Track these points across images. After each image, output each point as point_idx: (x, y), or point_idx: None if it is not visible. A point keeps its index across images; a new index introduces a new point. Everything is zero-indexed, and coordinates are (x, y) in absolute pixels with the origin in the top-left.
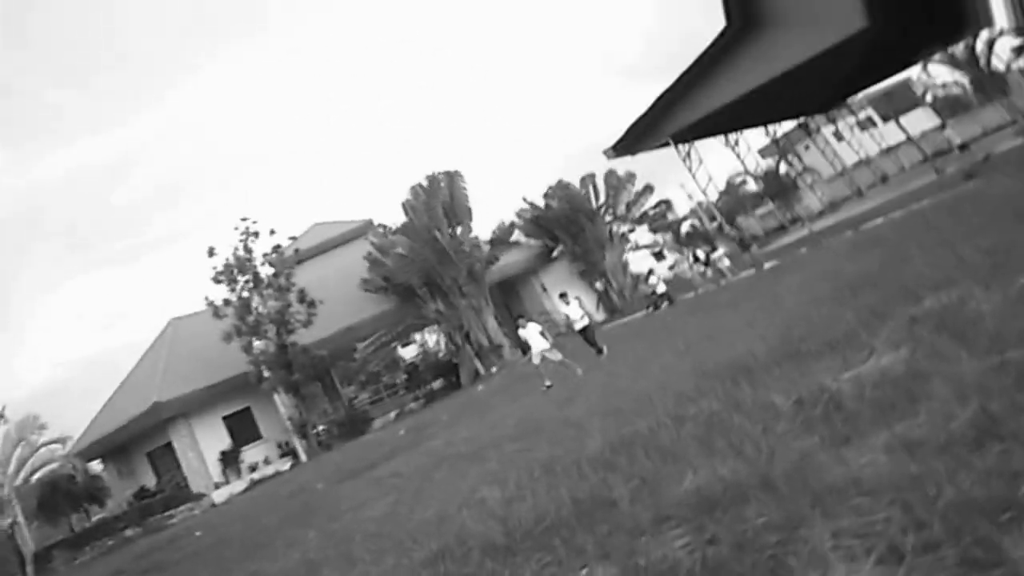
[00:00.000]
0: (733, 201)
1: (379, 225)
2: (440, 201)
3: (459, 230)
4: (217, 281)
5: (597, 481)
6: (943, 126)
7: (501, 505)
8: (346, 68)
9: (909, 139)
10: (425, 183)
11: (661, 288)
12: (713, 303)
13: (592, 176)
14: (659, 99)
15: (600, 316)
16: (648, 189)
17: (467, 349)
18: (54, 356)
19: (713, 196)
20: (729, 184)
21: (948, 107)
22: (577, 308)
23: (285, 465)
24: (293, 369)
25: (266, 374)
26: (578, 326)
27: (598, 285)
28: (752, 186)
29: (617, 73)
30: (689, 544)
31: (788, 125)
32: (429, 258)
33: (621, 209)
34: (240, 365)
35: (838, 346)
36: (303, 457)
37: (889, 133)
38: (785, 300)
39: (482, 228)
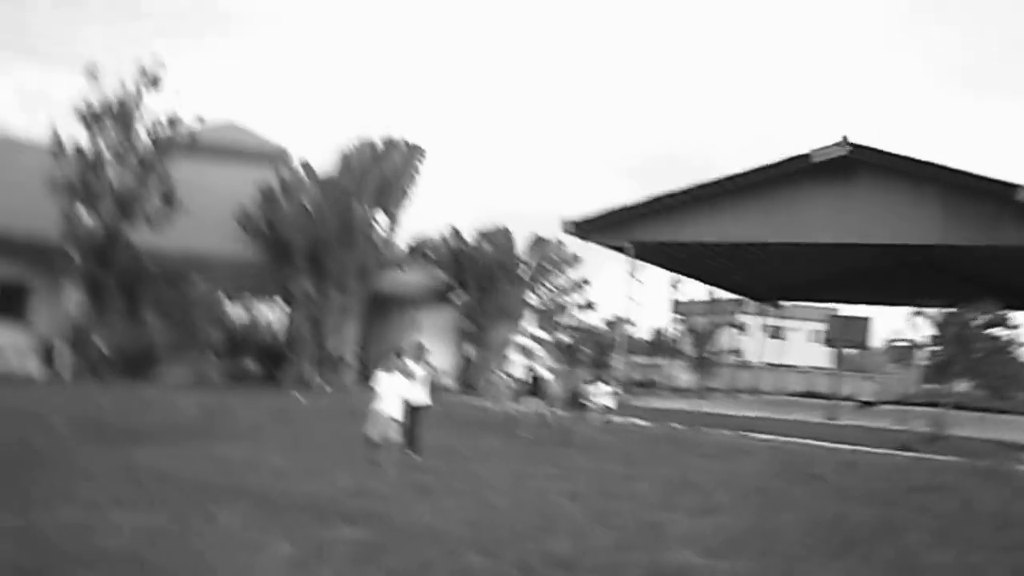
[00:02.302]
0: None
1: (301, 160)
2: (381, 170)
3: (380, 215)
4: (81, 118)
5: None
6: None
7: None
8: None
9: (834, 370)
10: (379, 143)
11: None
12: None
13: (559, 243)
14: (650, 201)
15: (451, 382)
16: (585, 283)
17: (311, 349)
18: None
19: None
20: (618, 318)
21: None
22: (419, 370)
23: (34, 369)
24: (111, 268)
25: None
26: (411, 400)
27: (471, 351)
28: (642, 334)
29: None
30: None
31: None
32: (332, 228)
33: (547, 289)
34: (46, 229)
35: None
36: (65, 374)
37: (794, 350)
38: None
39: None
